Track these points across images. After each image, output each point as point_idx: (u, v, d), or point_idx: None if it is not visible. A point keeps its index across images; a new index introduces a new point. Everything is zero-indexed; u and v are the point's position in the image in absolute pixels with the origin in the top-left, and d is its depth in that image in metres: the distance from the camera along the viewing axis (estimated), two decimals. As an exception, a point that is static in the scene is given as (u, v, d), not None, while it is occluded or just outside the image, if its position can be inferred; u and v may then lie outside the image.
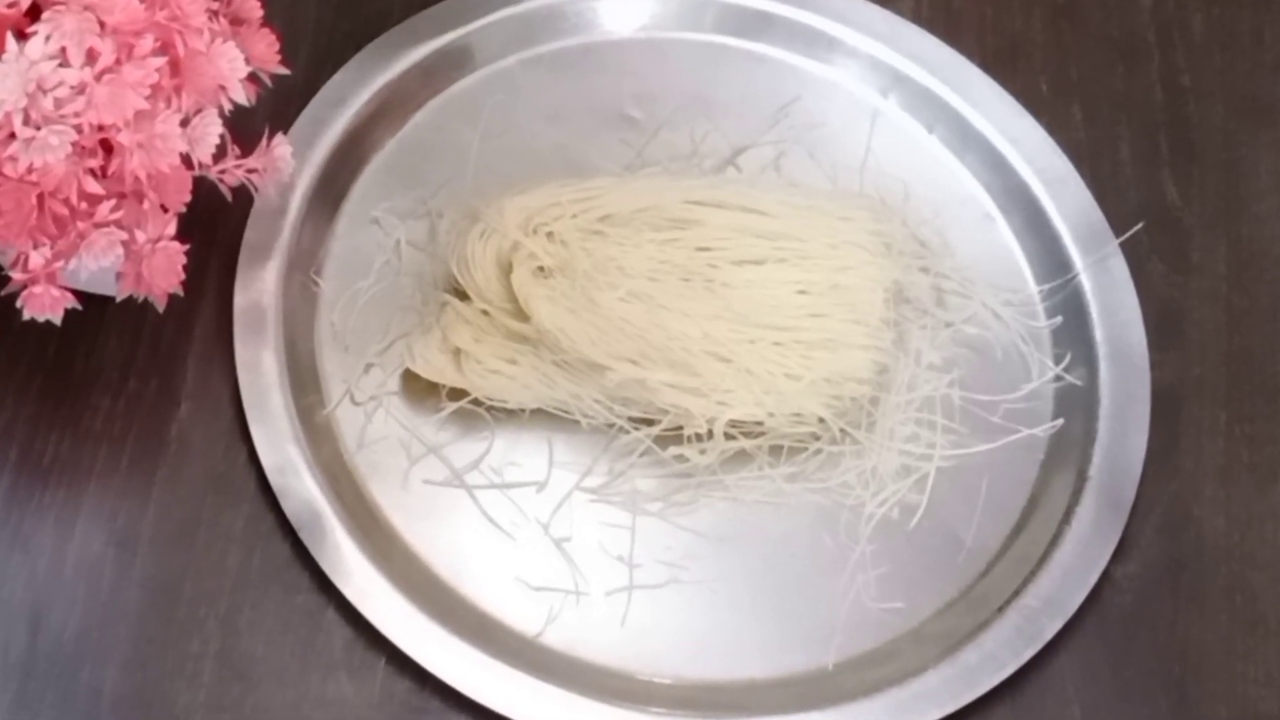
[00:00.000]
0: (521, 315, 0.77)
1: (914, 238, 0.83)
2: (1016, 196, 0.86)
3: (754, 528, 0.77)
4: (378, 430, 0.78)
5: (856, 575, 0.77)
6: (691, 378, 0.76)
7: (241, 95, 0.69)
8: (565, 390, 0.77)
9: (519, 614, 0.75)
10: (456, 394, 0.77)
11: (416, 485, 0.77)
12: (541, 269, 0.77)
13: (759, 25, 0.89)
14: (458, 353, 0.77)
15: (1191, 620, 0.78)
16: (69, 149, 0.64)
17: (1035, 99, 0.88)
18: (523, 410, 0.78)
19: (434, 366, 0.77)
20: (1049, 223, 0.85)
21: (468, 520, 0.76)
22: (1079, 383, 0.81)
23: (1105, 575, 0.77)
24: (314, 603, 0.74)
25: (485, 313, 0.77)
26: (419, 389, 0.78)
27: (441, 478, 0.77)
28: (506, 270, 0.77)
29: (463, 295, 0.78)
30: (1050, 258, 0.84)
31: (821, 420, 0.77)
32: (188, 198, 0.69)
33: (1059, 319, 0.83)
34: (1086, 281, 0.83)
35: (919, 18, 0.90)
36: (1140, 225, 0.85)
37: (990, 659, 0.75)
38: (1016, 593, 0.76)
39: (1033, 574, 0.76)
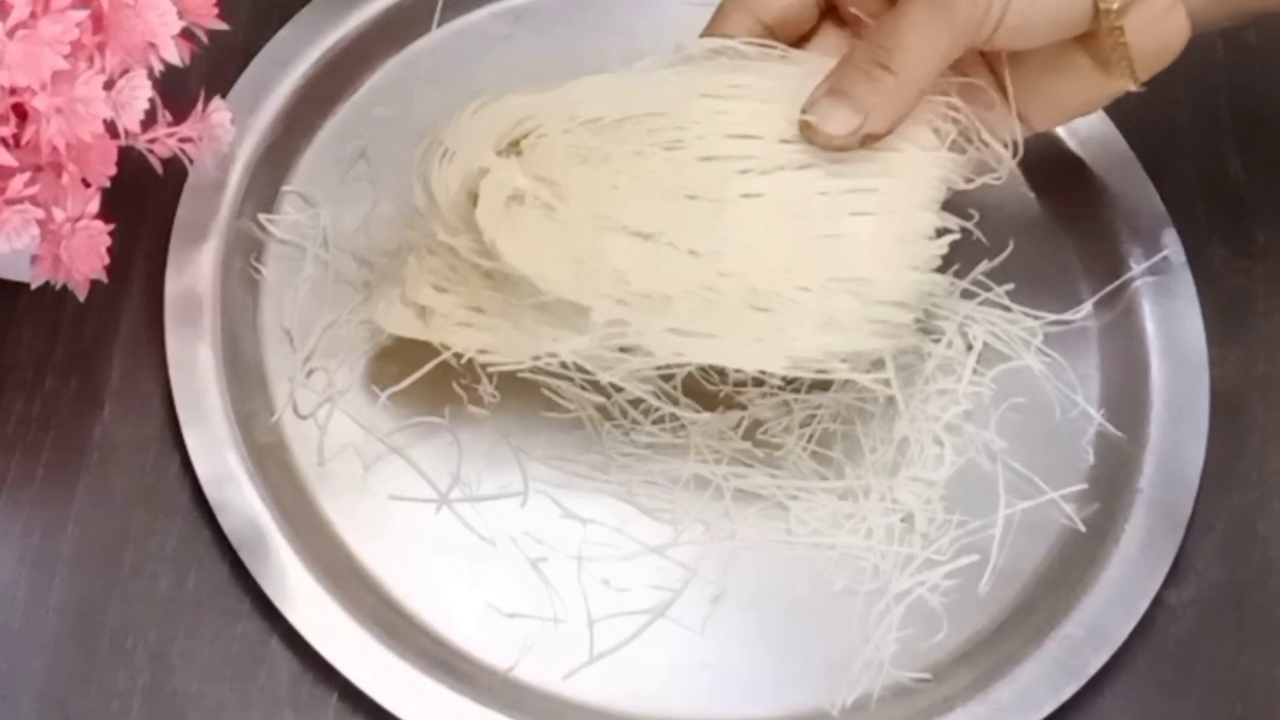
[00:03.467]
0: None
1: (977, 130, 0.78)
2: (1055, 168, 0.87)
3: (756, 550, 0.78)
4: (329, 435, 0.79)
5: (874, 608, 0.78)
6: (697, 321, 0.73)
7: (174, 54, 0.70)
8: (547, 339, 0.74)
9: (489, 645, 0.75)
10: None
11: (374, 498, 0.78)
12: (514, 197, 0.74)
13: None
14: (423, 308, 0.76)
15: (1256, 652, 0.78)
16: (-24, 115, 0.64)
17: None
18: (485, 412, 0.78)
19: (398, 321, 0.76)
20: (1094, 200, 0.86)
21: (431, 538, 0.77)
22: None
23: (1158, 601, 0.78)
24: (256, 631, 0.75)
25: (455, 253, 0.75)
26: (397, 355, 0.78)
27: (403, 489, 0.78)
28: (475, 199, 0.74)
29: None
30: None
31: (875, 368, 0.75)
32: (113, 170, 0.69)
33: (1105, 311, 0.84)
34: (1136, 267, 0.84)
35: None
36: (1199, 202, 0.86)
37: (1026, 696, 0.75)
38: (1056, 621, 0.77)
39: (1075, 599, 0.77)
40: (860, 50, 0.72)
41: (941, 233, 0.75)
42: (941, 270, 0.76)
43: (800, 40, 0.78)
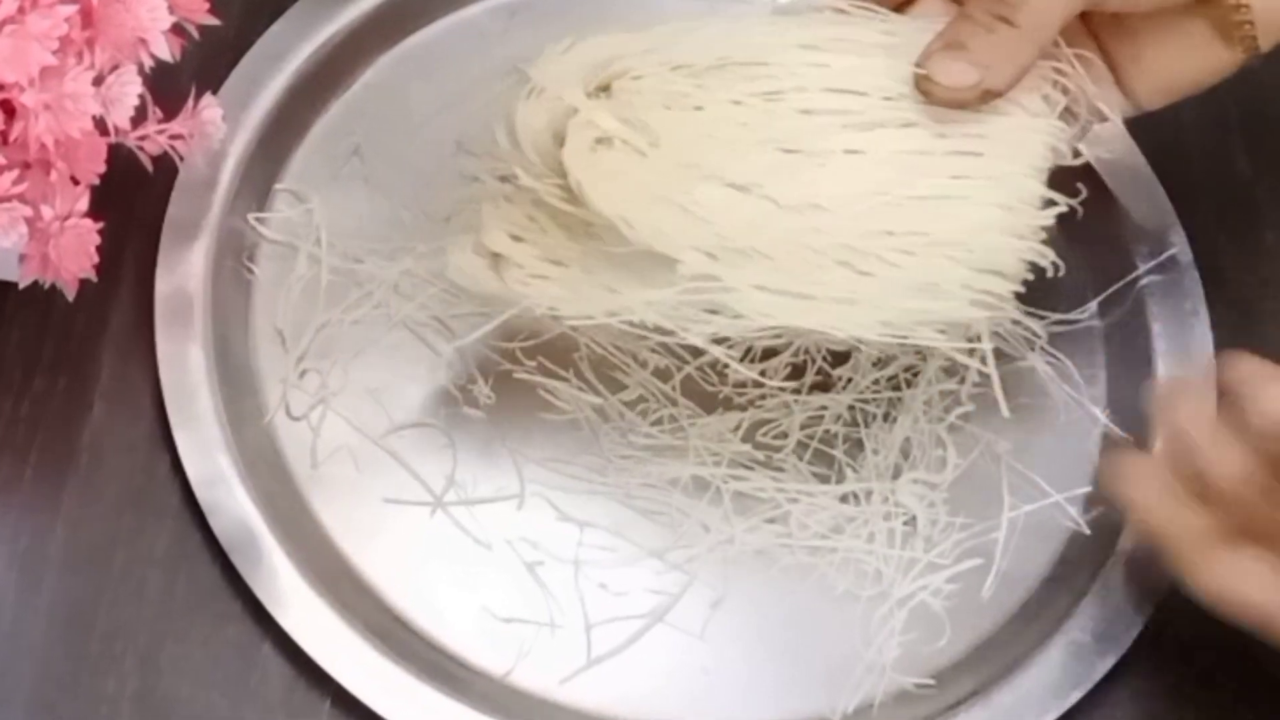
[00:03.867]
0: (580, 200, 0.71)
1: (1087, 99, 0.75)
2: (1059, 167, 0.86)
3: (756, 553, 0.78)
4: (322, 438, 0.79)
5: (876, 612, 0.78)
6: (789, 280, 0.71)
7: (164, 49, 0.70)
8: (632, 298, 0.71)
9: (484, 650, 0.76)
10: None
11: (367, 500, 0.78)
12: (603, 141, 0.71)
13: (765, -27, 0.89)
14: (497, 258, 0.73)
15: (1265, 656, 0.78)
16: (-38, 111, 0.64)
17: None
18: (481, 413, 0.79)
19: (468, 273, 0.74)
20: (1099, 199, 0.85)
21: (426, 541, 0.77)
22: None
23: (1164, 604, 0.77)
24: (248, 636, 0.75)
25: (536, 202, 0.72)
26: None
27: (397, 492, 0.78)
28: (562, 142, 0.71)
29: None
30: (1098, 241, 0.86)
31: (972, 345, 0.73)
32: (102, 168, 0.69)
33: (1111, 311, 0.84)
34: (1142, 267, 0.84)
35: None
36: (1206, 201, 0.86)
37: (1031, 701, 0.75)
38: (1061, 625, 0.77)
39: (1080, 603, 0.77)
40: (980, 3, 0.70)
41: (1048, 204, 0.73)
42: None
43: (901, 7, 0.76)
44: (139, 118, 0.70)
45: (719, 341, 0.72)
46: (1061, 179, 0.74)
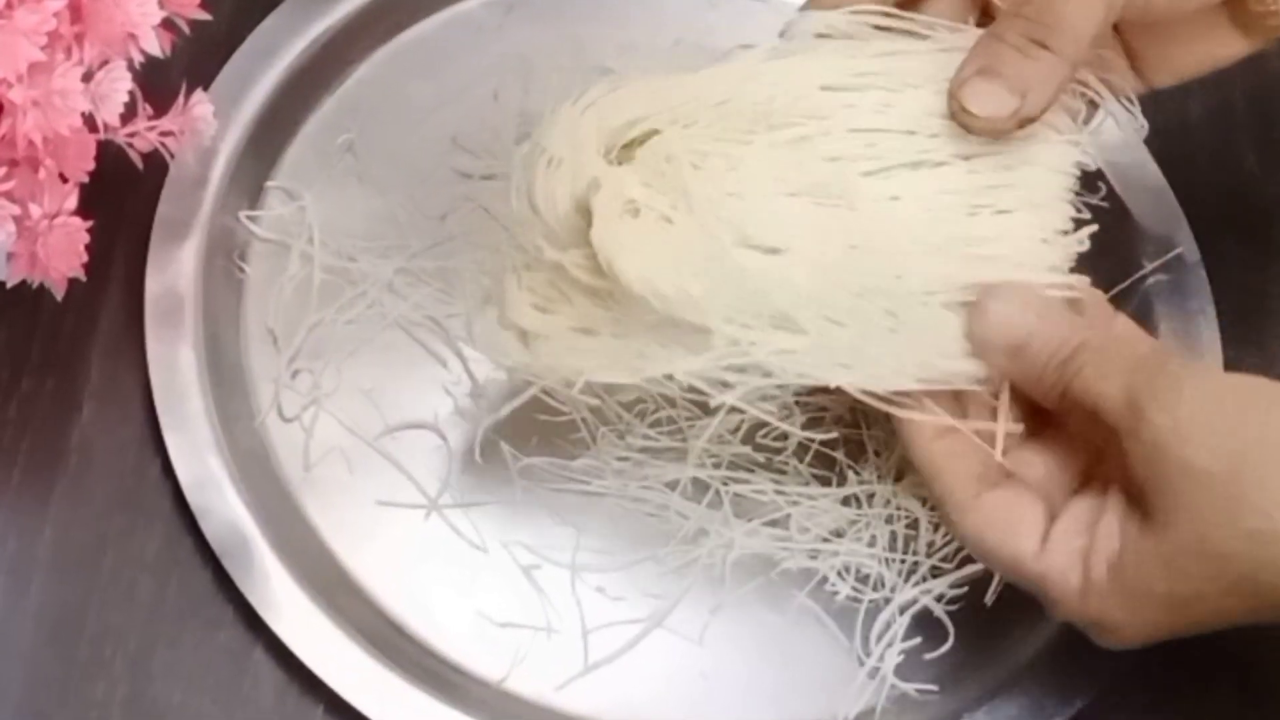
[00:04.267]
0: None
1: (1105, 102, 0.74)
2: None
3: (756, 557, 0.78)
4: (315, 439, 0.79)
5: (878, 617, 0.78)
6: (826, 339, 0.69)
7: (154, 45, 0.70)
8: (662, 361, 0.70)
9: (480, 655, 0.76)
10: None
11: (361, 503, 0.78)
12: (630, 209, 0.69)
13: (761, -36, 0.89)
14: (525, 333, 0.72)
15: (1275, 660, 0.79)
16: (-51, 108, 0.64)
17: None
18: (476, 413, 0.79)
19: (498, 348, 0.73)
20: (1104, 196, 0.85)
21: (420, 544, 0.77)
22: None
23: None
24: (239, 641, 0.75)
25: (561, 270, 0.70)
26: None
27: (391, 494, 0.78)
28: (586, 213, 0.69)
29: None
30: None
31: None
32: (91, 165, 0.69)
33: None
34: (1148, 265, 0.84)
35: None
36: (1213, 198, 0.86)
37: (1036, 708, 0.76)
38: (1067, 630, 0.75)
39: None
40: (1012, 25, 0.69)
41: (1079, 225, 0.72)
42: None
43: (912, 3, 0.74)
44: (129, 114, 0.70)
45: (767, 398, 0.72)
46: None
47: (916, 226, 0.70)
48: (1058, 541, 0.66)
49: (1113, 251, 0.84)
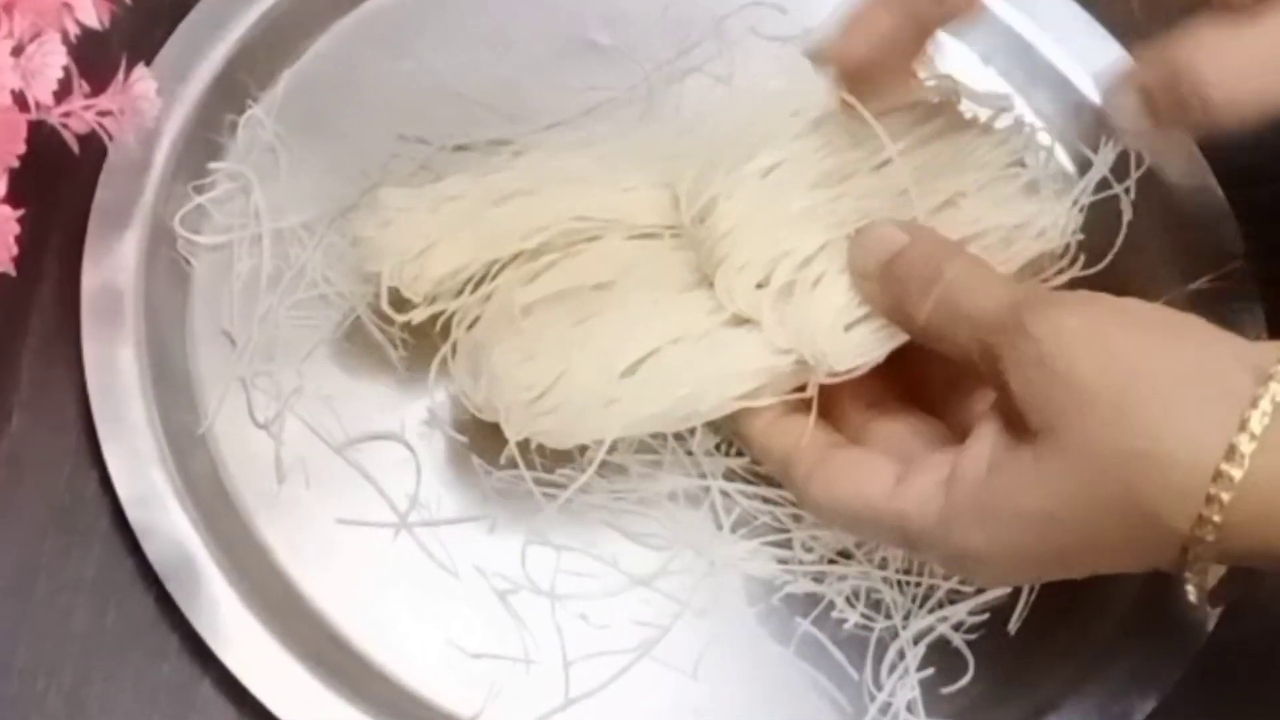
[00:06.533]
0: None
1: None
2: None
3: (755, 581, 0.78)
4: (270, 450, 0.79)
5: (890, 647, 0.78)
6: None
7: (91, 16, 0.70)
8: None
9: (451, 689, 0.76)
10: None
11: (320, 521, 0.78)
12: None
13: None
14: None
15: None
16: None
17: (1123, 21, 0.89)
18: (446, 424, 0.79)
19: (474, 402, 0.75)
20: (1148, 195, 0.84)
21: (386, 567, 0.77)
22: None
23: (1212, 640, 0.78)
24: (185, 673, 0.74)
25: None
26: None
27: (354, 511, 0.78)
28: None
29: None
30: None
31: None
32: (22, 148, 0.69)
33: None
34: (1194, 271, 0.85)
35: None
36: (1265, 197, 0.86)
37: (1062, 750, 0.76)
38: (1097, 662, 0.77)
39: (1118, 638, 0.78)
40: None
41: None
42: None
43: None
44: (63, 92, 0.70)
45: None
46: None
47: None
48: (916, 477, 0.68)
49: (1157, 256, 0.85)
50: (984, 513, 0.66)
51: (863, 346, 0.73)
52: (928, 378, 0.74)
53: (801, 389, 0.73)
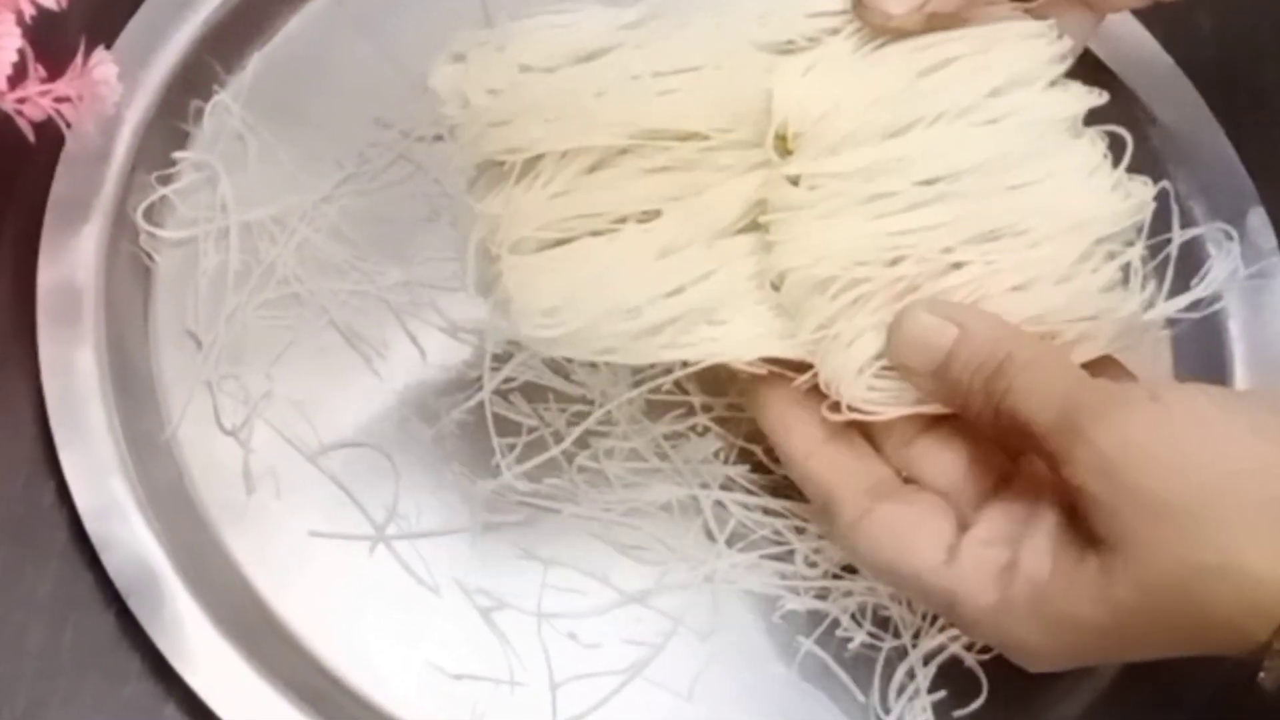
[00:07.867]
0: None
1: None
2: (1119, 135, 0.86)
3: (754, 596, 0.78)
4: (238, 458, 0.78)
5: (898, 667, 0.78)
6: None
7: (48, -5, 0.70)
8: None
9: (431, 712, 0.76)
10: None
11: (291, 534, 0.78)
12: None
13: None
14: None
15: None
16: None
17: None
18: (428, 431, 0.79)
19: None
20: (1162, 171, 0.84)
21: (362, 582, 0.77)
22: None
23: (1238, 662, 0.78)
24: (148, 695, 0.74)
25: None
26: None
27: (328, 523, 0.78)
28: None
29: None
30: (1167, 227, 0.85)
31: None
32: (-27, 137, 0.69)
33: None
34: (1215, 253, 0.83)
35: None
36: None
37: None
38: (1120, 682, 0.77)
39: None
40: None
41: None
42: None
43: None
44: (17, 77, 0.70)
45: None
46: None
47: None
48: (970, 553, 0.68)
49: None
50: (1043, 617, 0.66)
51: (888, 395, 0.72)
52: None
53: None
